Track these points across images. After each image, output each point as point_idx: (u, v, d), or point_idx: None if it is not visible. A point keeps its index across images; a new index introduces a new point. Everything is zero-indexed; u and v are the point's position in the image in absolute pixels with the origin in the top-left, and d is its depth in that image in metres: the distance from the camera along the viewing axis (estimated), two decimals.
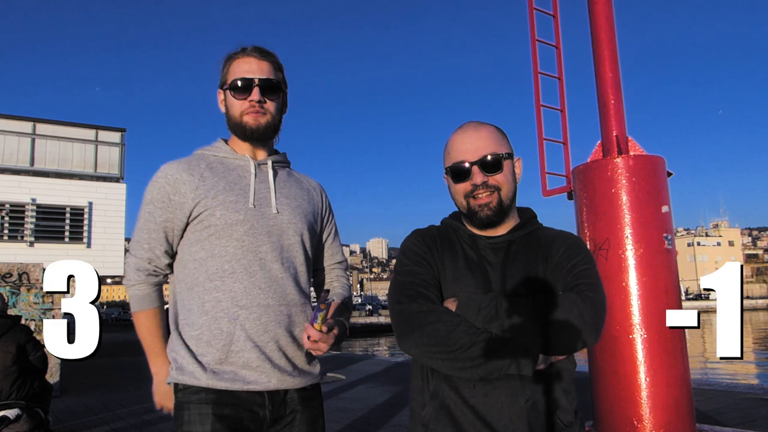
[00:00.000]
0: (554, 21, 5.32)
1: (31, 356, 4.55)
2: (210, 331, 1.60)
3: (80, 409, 7.90)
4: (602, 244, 4.20)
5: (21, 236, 12.18)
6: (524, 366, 1.36)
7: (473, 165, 1.50)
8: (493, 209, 1.50)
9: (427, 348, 1.39)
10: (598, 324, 1.40)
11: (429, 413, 1.48)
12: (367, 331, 46.53)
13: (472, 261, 1.52)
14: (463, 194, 1.53)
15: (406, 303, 1.45)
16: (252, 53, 1.74)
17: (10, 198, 12.22)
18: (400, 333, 1.45)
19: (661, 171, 4.33)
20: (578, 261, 1.48)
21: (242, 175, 1.73)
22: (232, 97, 1.73)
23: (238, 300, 1.61)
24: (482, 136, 1.53)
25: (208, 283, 1.62)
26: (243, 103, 1.71)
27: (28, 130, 13.15)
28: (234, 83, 1.71)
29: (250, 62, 1.73)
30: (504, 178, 1.52)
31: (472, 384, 1.42)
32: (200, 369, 1.58)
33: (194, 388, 1.57)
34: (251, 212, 1.67)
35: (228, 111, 1.76)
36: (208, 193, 1.66)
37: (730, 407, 6.39)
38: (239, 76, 1.71)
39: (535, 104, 5.19)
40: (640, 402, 3.94)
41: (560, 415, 1.45)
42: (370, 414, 6.91)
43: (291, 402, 1.66)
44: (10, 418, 4.27)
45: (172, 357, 1.65)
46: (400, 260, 1.56)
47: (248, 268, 1.63)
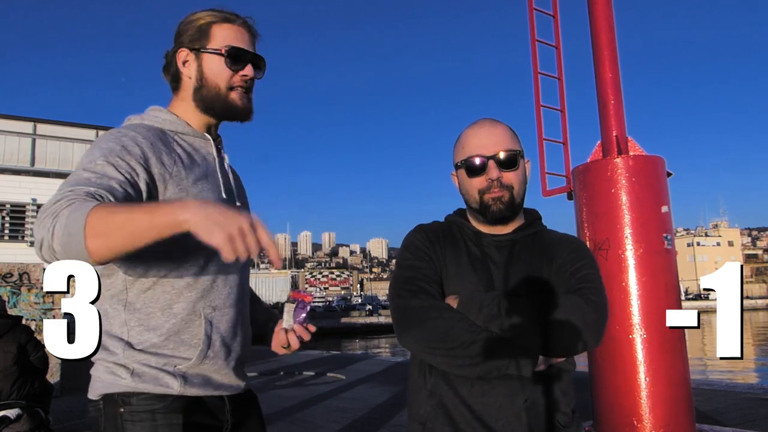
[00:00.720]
0: (554, 21, 5.32)
1: (31, 356, 4.56)
2: (181, 335, 1.40)
3: (80, 409, 7.90)
4: (602, 244, 4.20)
5: (21, 236, 12.19)
6: (524, 366, 1.36)
7: (489, 159, 1.49)
8: (506, 203, 1.49)
9: (427, 344, 1.39)
10: (601, 327, 1.40)
11: (427, 411, 1.47)
12: (367, 331, 46.54)
13: (476, 258, 1.51)
14: (477, 189, 1.51)
15: (407, 297, 1.44)
16: (242, 25, 1.54)
17: (10, 198, 12.24)
18: (400, 327, 1.45)
19: (661, 171, 4.33)
20: (582, 265, 1.48)
21: (206, 158, 1.52)
22: (223, 65, 1.48)
23: (211, 300, 1.44)
24: (499, 132, 1.53)
25: (179, 281, 1.39)
26: (234, 75, 1.49)
27: (29, 130, 13.17)
28: (233, 51, 1.48)
29: (242, 33, 1.52)
30: (517, 177, 1.51)
31: (470, 383, 1.42)
32: (168, 375, 1.38)
33: (156, 396, 1.36)
34: (225, 203, 1.45)
35: (206, 77, 1.49)
36: (188, 174, 1.42)
37: (730, 407, 6.39)
38: (235, 44, 1.49)
39: (535, 104, 5.19)
40: (640, 402, 3.94)
41: (558, 416, 1.45)
42: (370, 414, 6.91)
43: (243, 405, 1.57)
44: (10, 418, 4.28)
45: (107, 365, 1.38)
46: (402, 254, 1.55)
47: (218, 265, 1.45)
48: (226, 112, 1.52)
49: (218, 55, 1.49)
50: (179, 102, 1.54)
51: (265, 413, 1.70)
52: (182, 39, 1.52)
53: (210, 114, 1.53)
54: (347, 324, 49.84)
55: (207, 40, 1.50)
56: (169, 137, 1.46)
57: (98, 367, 1.41)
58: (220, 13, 1.52)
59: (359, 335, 43.96)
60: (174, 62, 1.52)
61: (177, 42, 1.53)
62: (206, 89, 1.50)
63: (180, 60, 1.51)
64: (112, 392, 1.37)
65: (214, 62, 1.49)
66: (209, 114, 1.53)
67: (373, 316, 55.99)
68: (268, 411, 7.13)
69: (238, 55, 1.50)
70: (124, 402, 1.36)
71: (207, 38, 1.50)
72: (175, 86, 1.55)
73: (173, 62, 1.53)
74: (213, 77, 1.49)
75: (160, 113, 1.51)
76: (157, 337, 1.39)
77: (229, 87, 1.50)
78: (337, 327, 47.84)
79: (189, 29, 1.51)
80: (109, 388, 1.37)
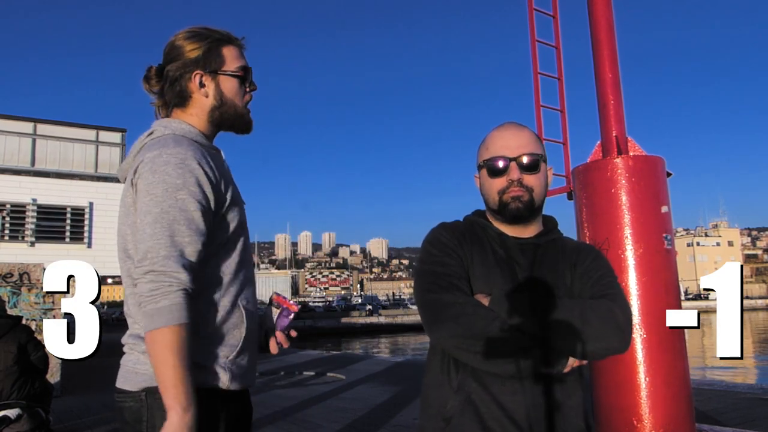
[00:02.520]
0: (554, 21, 5.33)
1: (32, 356, 4.56)
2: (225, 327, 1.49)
3: (80, 409, 7.91)
4: (602, 244, 4.20)
5: (22, 236, 12.19)
6: (556, 366, 1.38)
7: (512, 161, 1.52)
8: (524, 203, 1.51)
9: (462, 339, 1.39)
10: (630, 331, 1.43)
11: (454, 407, 1.46)
12: (367, 331, 46.55)
13: (501, 259, 1.52)
14: (497, 190, 1.53)
15: (439, 292, 1.44)
16: (241, 44, 1.70)
17: (10, 198, 12.23)
18: (432, 322, 1.44)
19: (661, 171, 4.34)
20: (604, 273, 1.52)
21: (225, 168, 1.66)
22: (239, 85, 1.65)
23: (245, 294, 1.56)
24: (524, 135, 1.56)
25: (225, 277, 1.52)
26: (246, 95, 1.68)
27: (29, 130, 13.17)
28: (247, 73, 1.67)
29: (242, 52, 1.70)
30: (538, 180, 1.53)
31: (502, 380, 1.42)
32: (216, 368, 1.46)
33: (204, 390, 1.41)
34: (244, 207, 1.65)
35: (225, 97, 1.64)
36: (227, 187, 1.55)
37: (730, 407, 6.39)
38: (244, 65, 1.67)
39: (535, 104, 5.19)
40: (640, 402, 3.94)
41: (582, 418, 1.48)
42: (370, 414, 6.91)
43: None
44: (10, 418, 4.28)
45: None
46: (427, 251, 1.54)
47: (247, 264, 1.60)
48: (241, 127, 1.69)
49: (235, 77, 1.64)
50: (187, 117, 1.62)
51: (265, 413, 1.72)
52: (187, 61, 1.60)
53: (222, 128, 1.67)
54: (347, 324, 49.84)
55: (222, 62, 1.63)
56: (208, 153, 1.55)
57: (142, 358, 1.44)
58: (219, 33, 1.65)
59: (359, 335, 43.96)
60: (183, 82, 1.61)
61: (179, 63, 1.61)
62: (225, 107, 1.64)
63: (195, 81, 1.61)
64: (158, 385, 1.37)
65: (232, 84, 1.64)
66: (220, 128, 1.67)
67: (373, 316, 55.98)
68: (268, 411, 7.13)
69: (248, 74, 1.67)
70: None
71: (221, 61, 1.63)
72: (180, 103, 1.63)
73: (181, 82, 1.61)
74: (232, 97, 1.64)
75: (183, 126, 1.59)
76: (203, 329, 1.45)
77: (246, 104, 1.68)
78: (337, 327, 47.87)
79: (197, 51, 1.61)
80: (155, 381, 1.37)
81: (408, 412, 6.87)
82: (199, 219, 1.42)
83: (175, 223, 1.39)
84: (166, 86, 1.63)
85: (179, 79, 1.61)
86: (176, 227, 1.39)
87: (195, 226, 1.41)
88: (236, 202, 1.57)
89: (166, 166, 1.43)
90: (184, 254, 1.39)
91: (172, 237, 1.38)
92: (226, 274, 1.52)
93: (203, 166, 1.47)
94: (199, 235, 1.41)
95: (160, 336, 1.32)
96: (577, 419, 1.46)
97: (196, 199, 1.42)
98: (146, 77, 1.65)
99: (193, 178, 1.43)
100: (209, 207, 1.46)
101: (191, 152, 1.47)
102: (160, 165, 1.43)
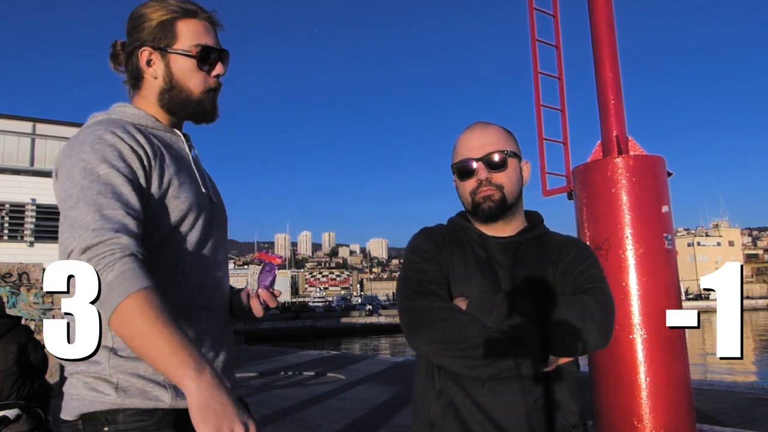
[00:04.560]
0: (554, 21, 5.32)
1: (31, 356, 4.55)
2: None
3: None
4: (602, 244, 4.20)
5: (21, 236, 12.18)
6: (534, 366, 1.38)
7: (478, 161, 1.52)
8: (495, 202, 1.51)
9: (439, 345, 1.39)
10: (609, 326, 1.42)
11: (436, 412, 1.47)
12: (367, 331, 46.54)
13: (481, 260, 1.52)
14: (469, 191, 1.54)
15: (417, 299, 1.45)
16: (208, 18, 1.44)
17: (10, 198, 12.22)
18: (410, 329, 1.45)
19: (661, 171, 4.33)
20: (588, 265, 1.50)
21: (180, 153, 1.43)
22: (195, 67, 1.40)
23: (197, 300, 1.34)
24: (488, 134, 1.55)
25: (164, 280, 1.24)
26: (207, 77, 1.42)
27: (28, 130, 13.17)
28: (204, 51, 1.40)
29: (207, 28, 1.43)
30: (508, 177, 1.53)
31: (481, 383, 1.42)
32: (157, 387, 1.24)
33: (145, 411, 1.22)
34: (204, 199, 1.41)
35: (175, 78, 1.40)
36: (168, 168, 1.33)
37: (730, 407, 6.39)
38: (204, 43, 1.40)
39: (535, 104, 5.19)
40: (640, 402, 3.94)
41: (567, 416, 1.46)
42: (370, 414, 6.91)
43: None
44: (10, 418, 4.27)
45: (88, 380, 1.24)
46: (408, 258, 1.56)
47: (203, 263, 1.37)
48: (196, 115, 1.45)
49: (188, 56, 1.40)
50: (141, 99, 1.44)
51: (265, 413, 1.70)
52: (141, 36, 1.40)
53: (176, 115, 1.45)
54: (347, 324, 49.85)
55: (173, 38, 1.39)
56: (144, 131, 1.36)
57: (74, 382, 1.26)
58: (182, 5, 1.41)
59: (359, 335, 43.96)
60: (134, 60, 1.42)
61: (134, 37, 1.41)
62: (176, 91, 1.41)
63: (143, 59, 1.40)
64: (94, 410, 1.23)
65: (185, 63, 1.40)
66: (175, 115, 1.45)
67: (373, 316, 56.00)
68: (268, 411, 7.13)
69: (209, 54, 1.41)
70: (108, 421, 1.22)
71: (173, 37, 1.39)
72: (135, 84, 1.44)
73: (133, 60, 1.42)
74: (183, 79, 1.41)
75: (126, 108, 1.40)
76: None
77: (204, 89, 1.42)
78: (337, 327, 47.88)
79: (149, 26, 1.39)
80: (90, 407, 1.23)
81: (408, 412, 6.85)
82: (130, 193, 1.20)
83: (100, 196, 1.17)
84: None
85: (131, 56, 1.42)
86: (102, 201, 1.17)
87: (125, 199, 1.19)
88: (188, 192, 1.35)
89: (81, 146, 1.24)
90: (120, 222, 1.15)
91: (100, 211, 1.15)
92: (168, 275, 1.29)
93: (126, 140, 1.26)
94: (131, 209, 1.19)
95: (122, 313, 1.07)
96: (563, 418, 1.45)
97: (122, 172, 1.21)
98: (112, 54, 1.45)
99: (115, 151, 1.23)
100: (139, 183, 1.25)
101: (111, 128, 1.28)
102: (75, 147, 1.25)
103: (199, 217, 1.37)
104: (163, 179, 1.31)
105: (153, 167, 1.29)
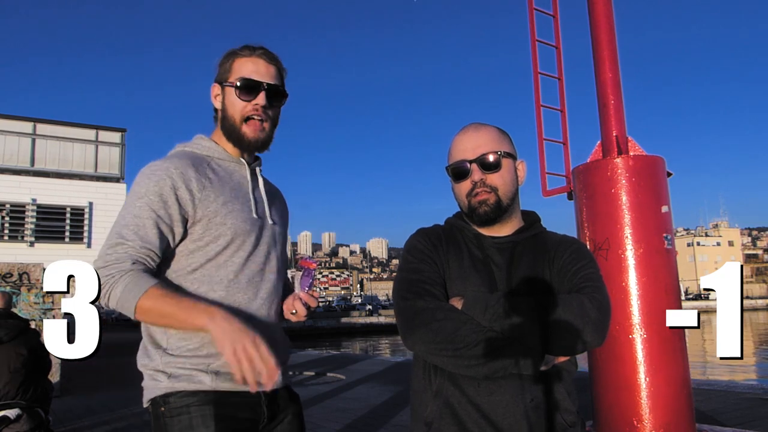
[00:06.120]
0: (554, 21, 5.33)
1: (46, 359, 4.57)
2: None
3: (80, 409, 7.90)
4: (602, 244, 4.20)
5: (21, 236, 12.18)
6: (529, 365, 1.37)
7: (472, 163, 1.52)
8: (491, 206, 1.51)
9: (434, 345, 1.40)
10: (604, 325, 1.42)
11: (433, 411, 1.48)
12: (367, 331, 46.54)
13: (478, 260, 1.52)
14: (464, 193, 1.54)
15: (412, 299, 1.45)
16: (261, 55, 1.64)
17: (10, 198, 12.21)
18: (405, 329, 1.45)
19: (661, 171, 4.34)
20: (584, 264, 1.50)
21: (240, 181, 1.66)
22: (236, 96, 1.61)
23: (241, 312, 1.55)
24: (481, 135, 1.55)
25: (211, 294, 1.54)
26: (246, 105, 1.61)
27: (29, 130, 13.15)
28: (243, 82, 1.60)
29: (258, 63, 1.63)
30: (502, 179, 1.52)
31: (477, 382, 1.42)
32: (201, 373, 1.51)
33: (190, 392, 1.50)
34: (256, 222, 1.62)
35: (226, 109, 1.64)
36: (218, 198, 1.56)
37: (730, 407, 6.39)
38: (246, 76, 1.61)
39: (535, 104, 5.19)
40: (640, 402, 3.94)
41: (564, 416, 1.46)
42: (370, 414, 6.91)
43: (281, 400, 1.66)
44: (10, 418, 4.27)
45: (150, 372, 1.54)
46: (405, 258, 1.56)
47: (252, 279, 1.60)
48: (240, 142, 1.64)
49: (231, 87, 1.62)
50: (216, 132, 1.70)
51: None
52: (216, 74, 1.68)
53: (234, 144, 1.66)
54: (347, 324, 49.85)
55: (229, 74, 1.63)
56: (204, 163, 1.60)
57: (144, 376, 1.56)
58: (237, 48, 1.65)
59: (359, 335, 43.96)
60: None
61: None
62: (226, 120, 1.64)
63: (213, 94, 1.67)
64: (155, 396, 1.52)
65: (230, 94, 1.63)
66: (233, 144, 1.66)
67: (373, 316, 56.01)
68: None
69: (249, 85, 1.61)
70: (164, 402, 1.51)
71: (227, 73, 1.64)
72: (215, 116, 1.70)
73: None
74: (230, 109, 1.63)
75: (202, 141, 1.67)
76: (193, 344, 1.53)
77: (243, 117, 1.62)
78: (337, 327, 47.87)
79: (219, 65, 1.67)
80: (152, 393, 1.53)
81: (408, 412, 6.86)
82: (150, 227, 1.48)
83: (125, 228, 1.48)
84: None
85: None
86: (124, 231, 1.48)
87: (143, 233, 1.48)
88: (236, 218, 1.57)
89: (140, 177, 1.54)
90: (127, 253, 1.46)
91: (118, 238, 1.47)
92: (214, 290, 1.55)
93: (173, 177, 1.51)
94: (142, 242, 1.47)
95: (140, 312, 1.42)
96: (560, 417, 1.45)
97: (152, 208, 1.49)
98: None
99: (156, 188, 1.50)
100: (168, 218, 1.50)
101: (168, 164, 1.54)
102: (138, 177, 1.55)
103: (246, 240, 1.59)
104: (209, 207, 1.55)
105: (199, 198, 1.54)
